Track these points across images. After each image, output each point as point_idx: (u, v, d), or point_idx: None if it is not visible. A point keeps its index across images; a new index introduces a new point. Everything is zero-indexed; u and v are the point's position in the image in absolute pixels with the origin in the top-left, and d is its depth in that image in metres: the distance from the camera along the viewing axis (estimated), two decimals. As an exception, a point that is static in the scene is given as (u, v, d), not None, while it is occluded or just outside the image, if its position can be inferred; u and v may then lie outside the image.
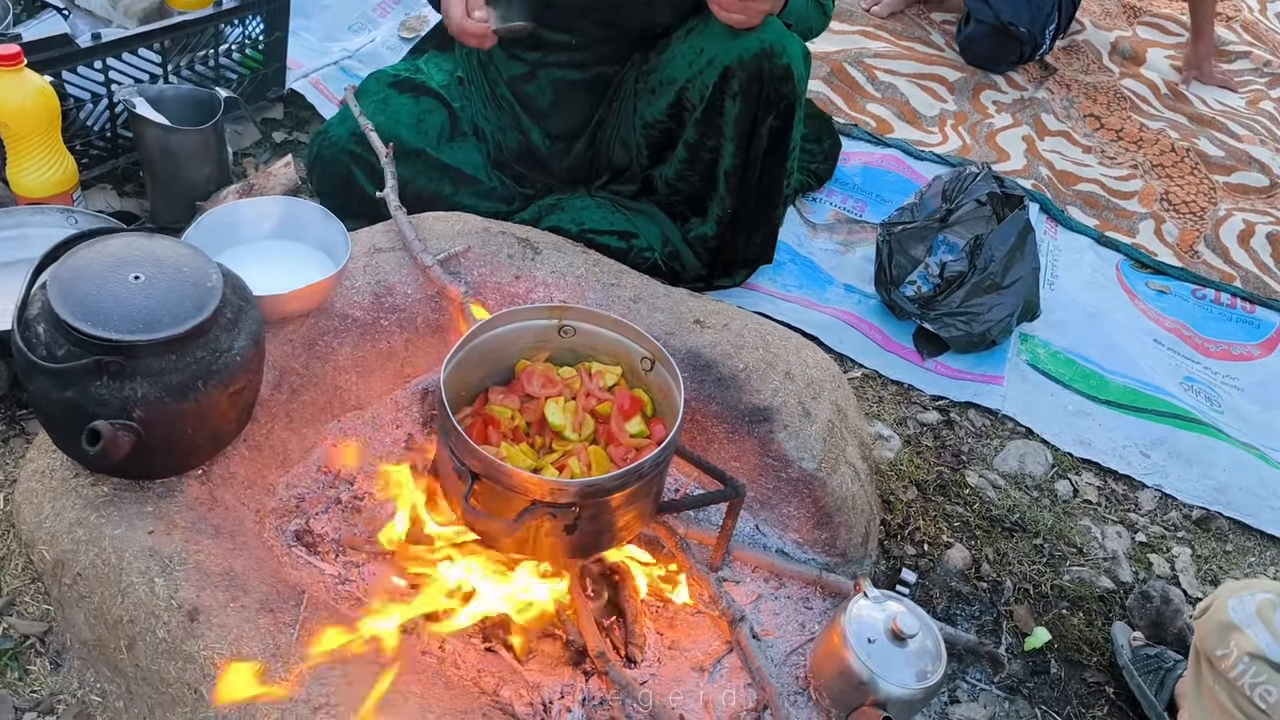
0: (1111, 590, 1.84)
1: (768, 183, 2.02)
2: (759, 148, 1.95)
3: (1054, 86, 3.10)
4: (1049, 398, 2.17)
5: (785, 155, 2.00)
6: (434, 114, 2.03)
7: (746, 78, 1.85)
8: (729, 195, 2.00)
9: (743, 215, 2.04)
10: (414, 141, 2.01)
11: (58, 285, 1.27)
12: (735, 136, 1.93)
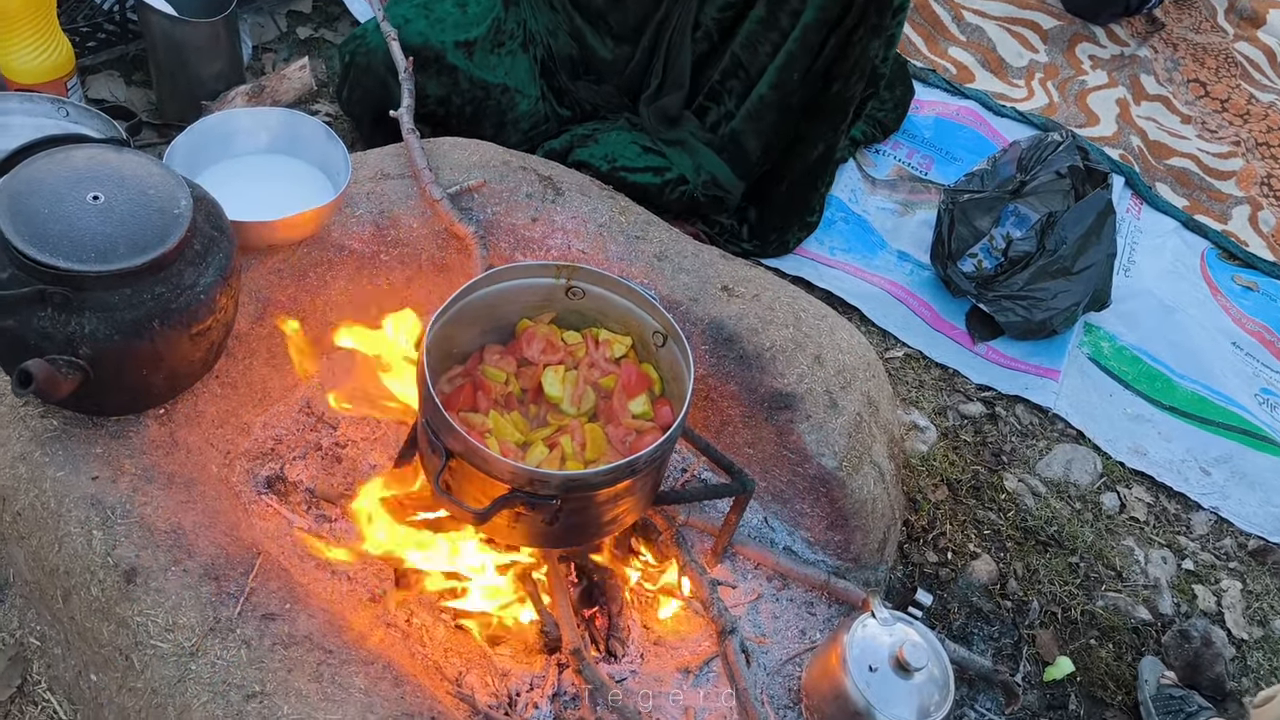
0: (1148, 622, 1.68)
1: (849, 61, 1.82)
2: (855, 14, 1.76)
3: (1159, 45, 2.82)
4: (1107, 398, 1.98)
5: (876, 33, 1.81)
6: (480, 23, 1.85)
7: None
8: (801, 54, 1.79)
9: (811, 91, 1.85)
10: (456, 58, 1.84)
11: (8, 199, 1.14)
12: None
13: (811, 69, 1.79)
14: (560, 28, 1.85)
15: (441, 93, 1.84)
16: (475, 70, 1.85)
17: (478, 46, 1.86)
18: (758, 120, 1.86)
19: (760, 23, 1.78)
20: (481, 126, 1.86)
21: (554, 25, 1.87)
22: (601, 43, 1.84)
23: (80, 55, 1.84)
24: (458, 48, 1.84)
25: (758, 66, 1.82)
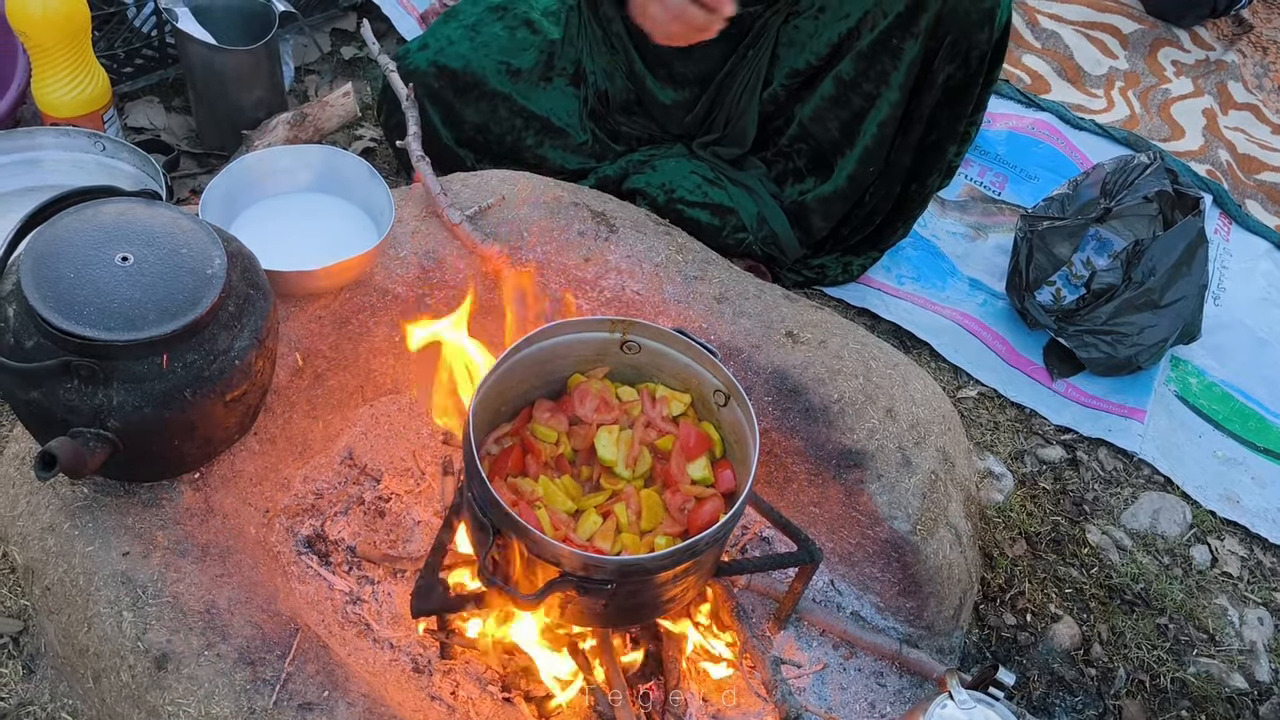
0: (1243, 691, 1.56)
1: (929, 145, 1.69)
2: (930, 100, 1.62)
3: (1247, 48, 2.65)
4: (1196, 440, 1.85)
5: (960, 117, 1.66)
6: (528, 51, 1.76)
7: (937, 13, 1.51)
8: (877, 148, 1.67)
9: (886, 180, 1.72)
10: (499, 84, 1.75)
11: (33, 261, 1.08)
12: (904, 83, 1.59)
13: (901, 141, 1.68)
14: (618, 70, 1.74)
15: (479, 120, 1.75)
16: (518, 97, 1.75)
17: (524, 76, 1.77)
18: (828, 205, 1.75)
19: (828, 100, 1.67)
20: (522, 155, 1.77)
21: (612, 67, 1.75)
22: (661, 89, 1.73)
23: (118, 81, 1.78)
24: (500, 72, 1.75)
25: (827, 139, 1.71)
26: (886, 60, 1.61)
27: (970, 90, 1.65)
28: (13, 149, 1.53)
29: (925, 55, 1.59)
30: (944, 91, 1.64)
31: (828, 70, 1.66)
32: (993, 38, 1.58)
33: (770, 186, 1.79)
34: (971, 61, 1.60)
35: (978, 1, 1.52)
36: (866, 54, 1.61)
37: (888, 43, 1.59)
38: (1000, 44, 1.60)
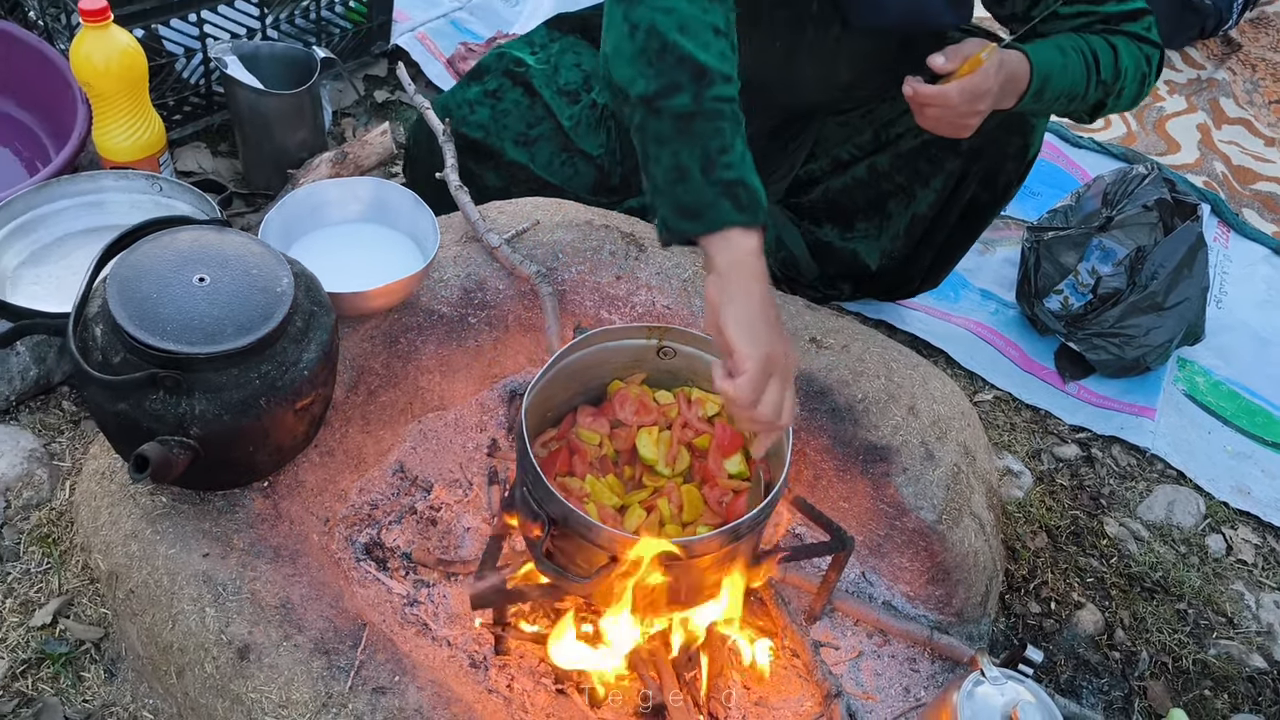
0: (1263, 670, 1.62)
1: (954, 244, 1.81)
2: (955, 211, 1.73)
3: (1237, 66, 2.76)
4: (1206, 436, 1.93)
5: (977, 232, 1.79)
6: (547, 120, 1.82)
7: (980, 141, 1.55)
8: (908, 237, 1.78)
9: (915, 261, 1.84)
10: (516, 155, 1.80)
11: (117, 284, 1.17)
12: (939, 190, 1.70)
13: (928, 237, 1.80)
14: None
15: (501, 184, 1.81)
16: (536, 168, 1.81)
17: (540, 148, 1.81)
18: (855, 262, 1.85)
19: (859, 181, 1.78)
20: None
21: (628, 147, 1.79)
22: None
23: (168, 128, 1.89)
24: (518, 145, 1.80)
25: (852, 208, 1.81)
26: (925, 165, 1.71)
27: (993, 211, 1.76)
28: (78, 192, 1.63)
29: (961, 173, 1.69)
30: (967, 206, 1.74)
31: (864, 159, 1.77)
32: (1020, 169, 1.68)
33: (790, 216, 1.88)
34: (998, 188, 1.71)
35: (1015, 137, 1.61)
36: (906, 156, 1.72)
37: (928, 152, 1.69)
38: (1025, 173, 1.70)
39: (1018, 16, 1.51)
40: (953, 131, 1.41)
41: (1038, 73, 1.38)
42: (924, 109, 1.38)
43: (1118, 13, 1.45)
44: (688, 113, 1.10)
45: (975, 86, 1.33)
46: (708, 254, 1.11)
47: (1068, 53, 1.41)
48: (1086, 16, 1.45)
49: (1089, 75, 1.43)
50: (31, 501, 1.43)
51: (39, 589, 1.37)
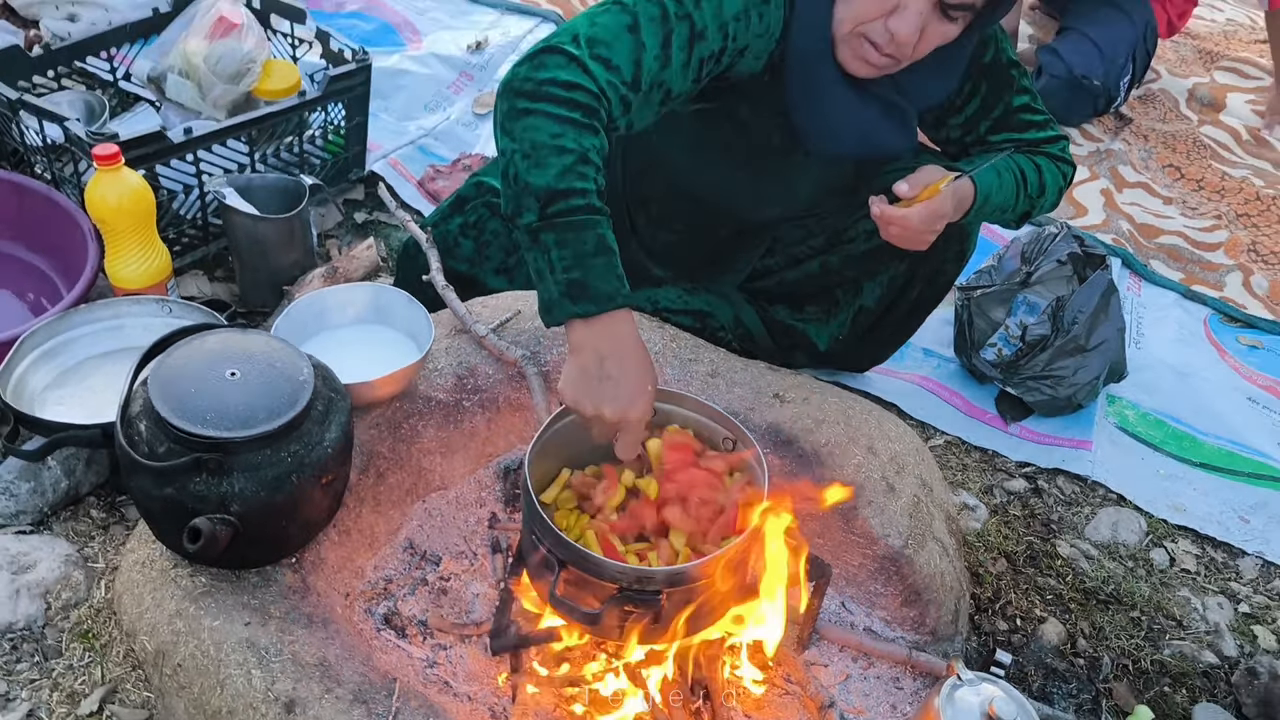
0: (1215, 665, 1.77)
1: (896, 336, 2.03)
2: (902, 307, 1.95)
3: (1130, 137, 3.05)
4: (1140, 462, 2.11)
5: (918, 323, 2.01)
6: None
7: None
8: (855, 327, 2.00)
9: (861, 347, 2.04)
10: (497, 283, 1.97)
11: (158, 384, 1.32)
12: (885, 287, 1.92)
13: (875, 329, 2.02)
14: None
15: None
16: (516, 289, 1.95)
17: (517, 269, 1.97)
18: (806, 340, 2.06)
19: (813, 275, 1.99)
20: None
21: None
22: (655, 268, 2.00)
23: (169, 259, 2.05)
24: (498, 274, 1.98)
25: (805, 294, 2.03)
26: (873, 265, 1.92)
27: (934, 303, 1.97)
28: (96, 319, 1.78)
29: (907, 274, 1.91)
30: (913, 304, 1.96)
31: (817, 256, 1.98)
32: (959, 269, 1.90)
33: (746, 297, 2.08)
34: (939, 286, 1.93)
35: (955, 244, 1.82)
36: (857, 257, 1.92)
37: (877, 254, 1.87)
38: (961, 271, 1.92)
39: (952, 141, 1.75)
40: (912, 246, 1.61)
41: (981, 192, 1.61)
42: (888, 228, 1.57)
43: (1038, 139, 1.71)
44: (533, 228, 1.31)
45: (934, 210, 1.54)
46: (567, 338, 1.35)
47: (1002, 174, 1.64)
48: (1013, 143, 1.69)
49: (1019, 191, 1.67)
50: (71, 601, 1.54)
51: (83, 681, 1.47)
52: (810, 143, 1.68)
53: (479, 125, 2.64)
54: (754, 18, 1.49)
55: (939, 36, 1.48)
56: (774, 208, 1.87)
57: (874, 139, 1.66)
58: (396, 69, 2.68)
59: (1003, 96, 1.69)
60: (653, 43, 1.40)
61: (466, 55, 2.82)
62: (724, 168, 1.76)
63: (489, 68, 2.80)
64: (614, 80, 1.37)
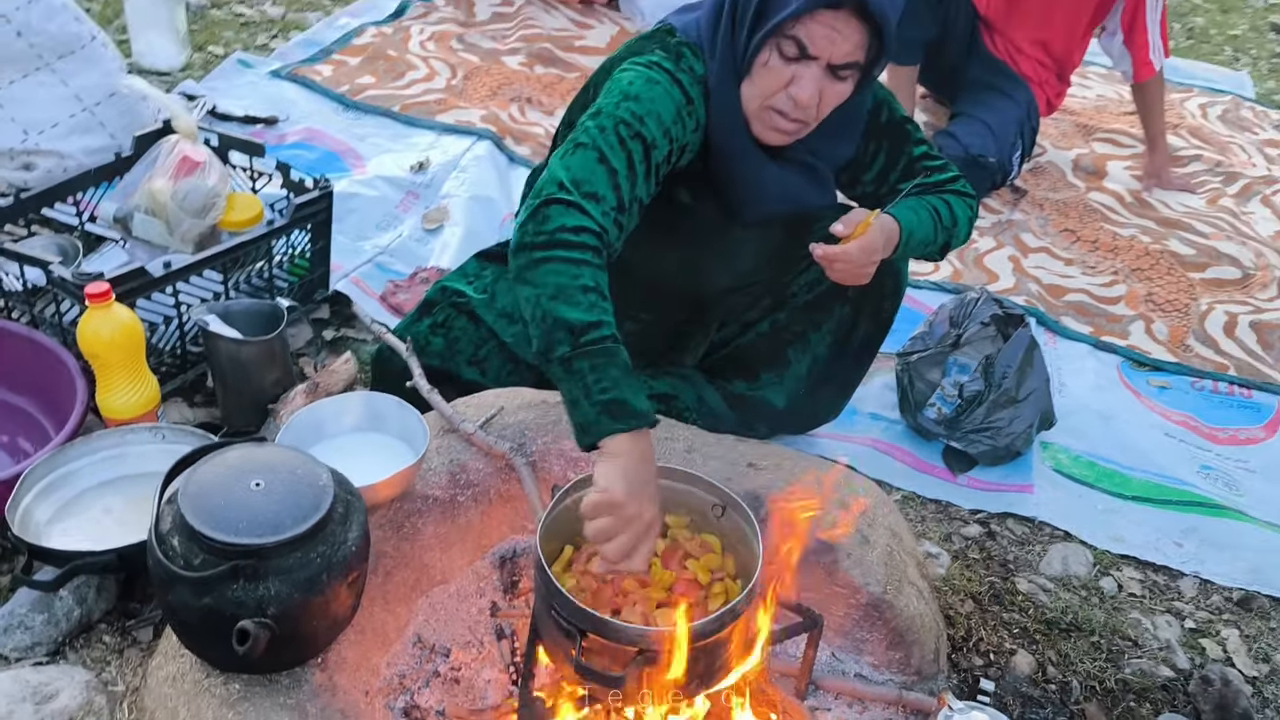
0: (1172, 678, 1.92)
1: (849, 379, 2.18)
2: (851, 348, 2.10)
3: (1027, 207, 3.33)
4: (1078, 500, 2.29)
5: (871, 358, 2.17)
6: (492, 341, 2.12)
7: (861, 288, 1.87)
8: (810, 380, 2.14)
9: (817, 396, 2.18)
10: (470, 374, 2.09)
11: (188, 500, 1.39)
12: (833, 332, 2.08)
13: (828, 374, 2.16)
14: None
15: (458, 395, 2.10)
16: (489, 382, 2.10)
17: (488, 361, 2.11)
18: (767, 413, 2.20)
19: (764, 335, 2.14)
20: None
21: None
22: None
23: (150, 389, 2.11)
24: (470, 365, 2.10)
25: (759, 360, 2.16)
26: (818, 314, 2.09)
27: (879, 341, 2.15)
28: (91, 451, 1.84)
29: (852, 316, 2.08)
30: (860, 345, 2.13)
31: (766, 317, 2.15)
32: (896, 302, 2.08)
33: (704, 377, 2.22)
34: (881, 320, 2.10)
35: (888, 279, 1.99)
36: (802, 309, 2.09)
37: (820, 302, 2.06)
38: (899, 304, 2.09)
39: (868, 195, 1.96)
40: (856, 280, 1.80)
41: (904, 228, 1.80)
42: (832, 266, 1.76)
43: (941, 180, 1.92)
44: (567, 358, 1.46)
45: (869, 243, 1.74)
46: (600, 453, 1.46)
47: (919, 211, 1.84)
48: (921, 187, 1.89)
49: (936, 224, 1.87)
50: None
51: (118, 801, 1.49)
52: (744, 213, 1.88)
53: (430, 240, 2.77)
54: (685, 118, 1.70)
55: (835, 96, 1.69)
56: (723, 279, 2.04)
57: (798, 199, 1.88)
58: (346, 193, 2.81)
59: (904, 148, 1.92)
60: (621, 166, 1.60)
61: (410, 175, 2.97)
62: (673, 251, 1.94)
63: (433, 185, 2.95)
64: (606, 210, 1.56)
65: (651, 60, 1.72)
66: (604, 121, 1.62)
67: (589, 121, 1.63)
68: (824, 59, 1.63)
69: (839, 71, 1.65)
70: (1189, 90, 4.24)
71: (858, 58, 1.64)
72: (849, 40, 1.61)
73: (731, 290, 2.09)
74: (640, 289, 2.02)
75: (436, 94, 3.40)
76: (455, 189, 2.93)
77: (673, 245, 1.92)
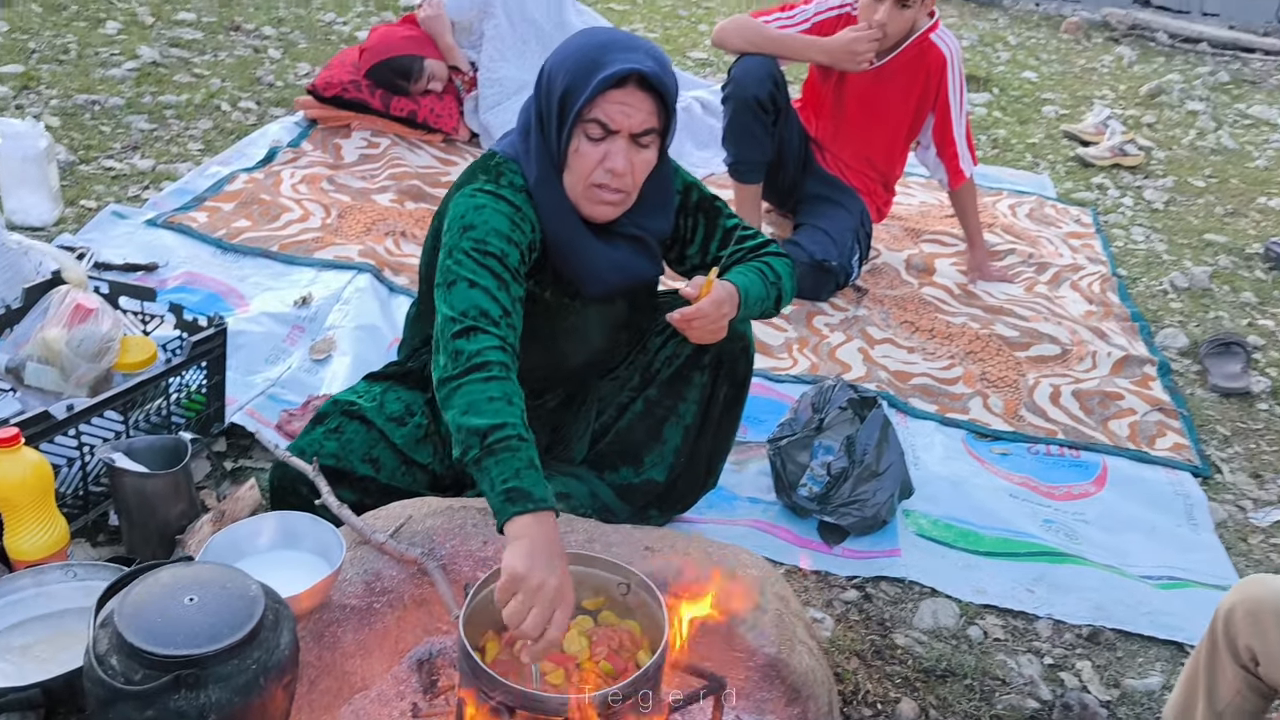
0: (1039, 710, 2.14)
1: (719, 442, 2.38)
2: (716, 411, 2.31)
3: (870, 304, 3.66)
4: (941, 559, 2.52)
5: (735, 423, 2.38)
6: (383, 443, 2.24)
7: (715, 352, 2.18)
8: (685, 448, 2.33)
9: (695, 464, 2.37)
10: (364, 470, 2.21)
11: (124, 620, 1.47)
12: (699, 400, 2.29)
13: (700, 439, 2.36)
14: None
15: (355, 498, 2.19)
16: (383, 478, 2.23)
17: (381, 460, 2.24)
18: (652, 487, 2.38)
19: (639, 414, 2.33)
20: None
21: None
22: None
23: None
24: (364, 462, 2.23)
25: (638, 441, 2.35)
26: (681, 385, 2.31)
27: (741, 401, 2.37)
28: (12, 590, 1.87)
29: (711, 381, 2.30)
30: (722, 405, 2.34)
31: (639, 396, 2.35)
32: (749, 362, 2.32)
33: (593, 471, 2.39)
34: (738, 380, 2.32)
35: (737, 341, 2.24)
36: (668, 382, 2.31)
37: (682, 374, 2.29)
38: (751, 364, 2.33)
39: (695, 268, 2.22)
40: (713, 337, 2.05)
41: (741, 289, 2.06)
42: (689, 326, 2.00)
43: (757, 244, 2.21)
44: (478, 459, 1.70)
45: (718, 298, 2.00)
46: (506, 538, 1.66)
47: (748, 274, 2.11)
48: (740, 253, 2.18)
49: (765, 282, 2.13)
50: None
51: None
52: (585, 289, 2.12)
53: (319, 370, 2.88)
54: (520, 223, 1.97)
55: (644, 164, 1.95)
56: (579, 355, 2.26)
57: (630, 270, 2.13)
58: (233, 330, 2.88)
59: (719, 221, 2.20)
60: (489, 282, 1.86)
61: (295, 310, 3.09)
62: (527, 338, 2.13)
63: (318, 319, 3.08)
64: (496, 320, 1.82)
65: (475, 188, 1.97)
66: (457, 255, 1.88)
67: (447, 261, 1.89)
68: (624, 131, 1.89)
69: (640, 139, 1.91)
70: (999, 193, 4.74)
71: (653, 124, 1.91)
72: (641, 110, 1.88)
73: (594, 368, 2.29)
74: None
75: (313, 233, 3.55)
76: (340, 320, 3.06)
77: (529, 333, 2.13)
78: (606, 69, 1.87)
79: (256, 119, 4.47)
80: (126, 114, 4.29)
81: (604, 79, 1.86)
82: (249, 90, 4.74)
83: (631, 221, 2.09)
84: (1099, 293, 3.93)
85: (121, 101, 4.37)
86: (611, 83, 1.87)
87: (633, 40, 1.95)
